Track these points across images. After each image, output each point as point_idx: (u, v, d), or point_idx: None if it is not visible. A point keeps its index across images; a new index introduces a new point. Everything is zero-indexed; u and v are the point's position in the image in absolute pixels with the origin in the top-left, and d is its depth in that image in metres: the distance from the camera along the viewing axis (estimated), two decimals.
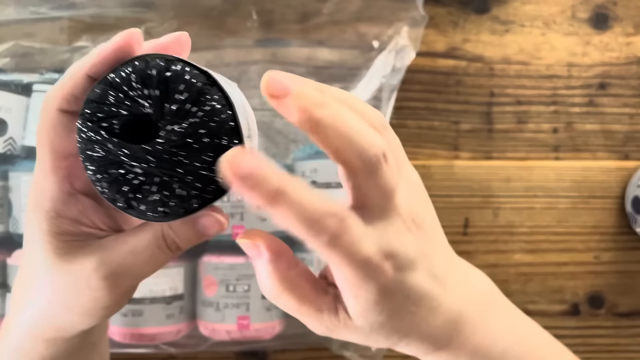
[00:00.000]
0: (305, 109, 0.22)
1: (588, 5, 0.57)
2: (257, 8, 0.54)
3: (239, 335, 0.48)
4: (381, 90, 0.53)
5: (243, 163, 0.21)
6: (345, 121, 0.22)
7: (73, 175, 0.26)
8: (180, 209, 0.24)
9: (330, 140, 0.22)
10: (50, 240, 0.26)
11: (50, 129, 0.25)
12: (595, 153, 0.57)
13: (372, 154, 0.23)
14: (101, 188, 0.24)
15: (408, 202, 0.26)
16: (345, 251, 0.23)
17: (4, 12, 0.51)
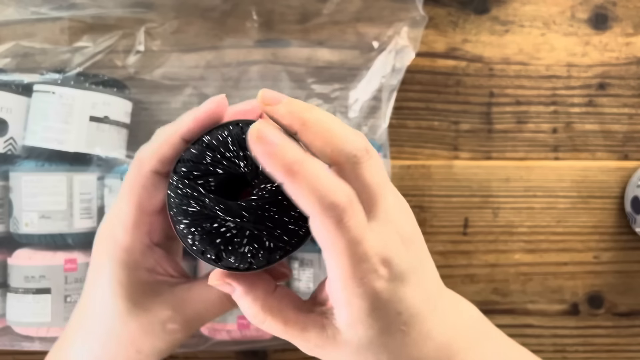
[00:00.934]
0: (295, 111, 0.25)
1: (587, 6, 0.57)
2: (257, 8, 0.54)
3: (240, 335, 0.48)
4: (381, 90, 0.53)
5: (268, 134, 0.23)
6: (329, 121, 0.25)
7: (153, 230, 0.28)
8: (265, 260, 0.26)
9: (317, 137, 0.24)
10: (126, 289, 0.27)
11: (141, 188, 0.27)
12: (595, 153, 0.57)
13: (355, 147, 0.24)
14: (192, 241, 0.25)
15: (399, 214, 0.26)
16: (350, 234, 0.23)
17: (4, 13, 0.51)
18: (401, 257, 0.25)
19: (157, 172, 0.27)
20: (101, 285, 0.28)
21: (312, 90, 0.54)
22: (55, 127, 0.46)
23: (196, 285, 0.28)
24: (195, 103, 0.53)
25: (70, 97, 0.47)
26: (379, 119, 0.53)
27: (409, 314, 0.26)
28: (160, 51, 0.53)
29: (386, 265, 0.25)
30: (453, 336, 0.28)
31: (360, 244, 0.24)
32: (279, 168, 0.23)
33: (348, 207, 0.23)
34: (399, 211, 0.27)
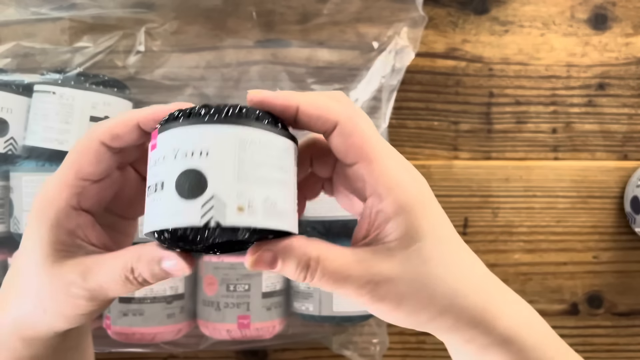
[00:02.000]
0: (284, 94, 0.27)
1: (587, 6, 0.57)
2: (257, 9, 0.54)
3: (240, 335, 0.48)
4: (381, 90, 0.53)
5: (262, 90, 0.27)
6: (317, 96, 0.27)
7: (83, 194, 0.28)
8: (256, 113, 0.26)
9: (310, 109, 0.27)
10: (45, 247, 0.28)
11: (85, 152, 0.28)
12: (594, 153, 0.57)
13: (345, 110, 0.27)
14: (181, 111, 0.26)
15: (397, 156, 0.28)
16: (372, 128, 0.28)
17: (5, 13, 0.51)
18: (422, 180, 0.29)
19: (104, 144, 0.28)
20: (27, 239, 0.29)
21: (312, 91, 0.54)
22: (55, 127, 0.47)
23: (105, 257, 0.28)
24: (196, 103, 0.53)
25: (70, 97, 0.47)
26: (379, 119, 0.53)
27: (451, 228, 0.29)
28: (161, 51, 0.53)
29: (411, 169, 0.28)
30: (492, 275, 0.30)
31: (381, 140, 0.28)
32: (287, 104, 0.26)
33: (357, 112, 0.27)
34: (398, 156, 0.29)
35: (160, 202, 0.25)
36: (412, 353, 0.56)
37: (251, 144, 0.25)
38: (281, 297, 0.50)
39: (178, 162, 0.25)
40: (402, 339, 0.55)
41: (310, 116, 0.27)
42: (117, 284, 0.28)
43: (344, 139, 0.27)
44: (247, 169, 0.25)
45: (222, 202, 0.24)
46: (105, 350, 0.51)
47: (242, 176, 0.25)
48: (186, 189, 0.25)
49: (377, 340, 0.53)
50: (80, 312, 0.29)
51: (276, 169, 0.26)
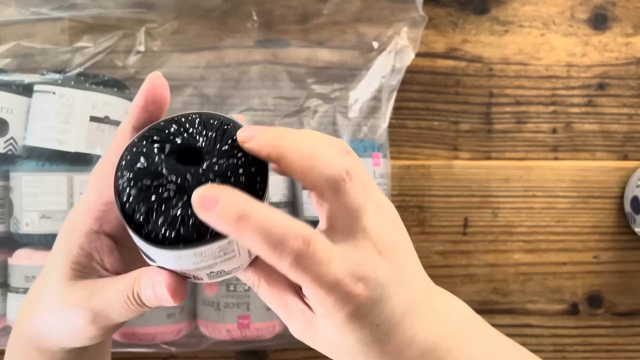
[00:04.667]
0: (270, 140, 0.25)
1: (587, 6, 0.57)
2: (257, 9, 0.54)
3: (240, 335, 0.48)
4: (381, 90, 0.53)
5: (207, 194, 0.23)
6: (307, 145, 0.25)
7: (105, 218, 0.29)
8: (194, 232, 0.25)
9: (296, 163, 0.24)
10: (64, 266, 0.29)
11: (103, 179, 0.28)
12: (594, 153, 0.57)
13: (335, 172, 0.24)
14: (127, 197, 0.25)
15: (378, 226, 0.26)
16: (312, 272, 0.24)
17: (5, 13, 0.51)
18: (379, 270, 0.26)
19: None
20: (54, 258, 0.30)
21: (312, 91, 0.54)
22: (55, 127, 0.47)
23: (114, 278, 0.29)
24: (196, 103, 0.53)
25: (70, 97, 0.47)
26: (379, 119, 0.53)
27: (390, 325, 0.26)
28: (161, 51, 0.53)
29: (362, 282, 0.25)
30: (442, 337, 0.28)
31: (327, 275, 0.24)
32: (227, 228, 0.23)
33: (303, 250, 0.23)
34: (379, 223, 0.26)
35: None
36: None
37: (187, 257, 0.26)
38: None
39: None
40: None
41: (291, 173, 0.25)
42: (118, 305, 0.28)
43: (319, 206, 0.25)
44: (186, 268, 0.26)
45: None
46: None
47: (184, 271, 0.27)
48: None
49: None
50: (82, 334, 0.29)
51: (219, 258, 0.26)
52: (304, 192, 0.49)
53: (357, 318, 0.25)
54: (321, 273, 0.24)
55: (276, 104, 0.54)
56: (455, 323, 0.30)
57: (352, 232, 0.25)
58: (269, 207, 0.24)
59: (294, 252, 0.23)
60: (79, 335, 0.29)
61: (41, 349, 0.31)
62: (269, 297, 0.28)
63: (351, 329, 0.26)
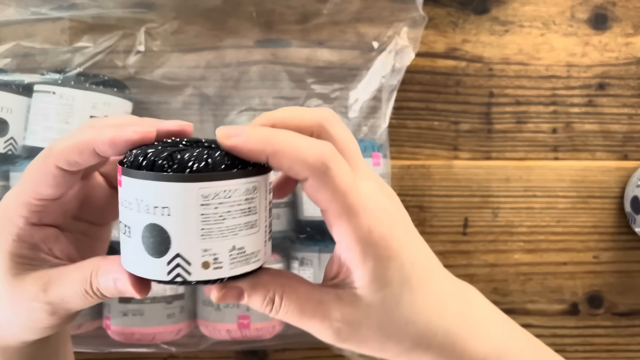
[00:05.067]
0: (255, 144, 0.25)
1: (587, 6, 0.57)
2: (257, 9, 0.54)
3: (240, 335, 0.48)
4: (381, 90, 0.53)
5: (231, 128, 0.25)
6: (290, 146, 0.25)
7: (43, 212, 0.28)
8: (222, 159, 0.25)
9: (281, 165, 0.25)
10: (7, 261, 0.28)
11: (41, 176, 0.27)
12: (594, 153, 0.57)
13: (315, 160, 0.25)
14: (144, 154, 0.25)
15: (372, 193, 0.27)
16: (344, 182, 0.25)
17: (5, 13, 0.51)
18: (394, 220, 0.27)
19: (61, 169, 0.27)
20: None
21: (312, 90, 0.54)
22: (55, 127, 0.47)
23: (67, 269, 0.28)
24: (196, 103, 0.53)
25: (70, 97, 0.47)
26: (379, 119, 0.53)
27: (424, 267, 0.28)
28: (161, 51, 0.53)
29: (385, 213, 0.26)
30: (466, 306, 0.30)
31: (355, 190, 0.25)
32: (259, 148, 0.24)
33: (332, 158, 0.25)
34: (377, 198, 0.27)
35: (129, 247, 0.25)
36: None
37: (215, 197, 0.24)
38: None
39: (142, 215, 0.24)
40: None
41: (281, 167, 0.25)
42: (77, 297, 0.28)
43: (313, 192, 0.26)
44: (211, 224, 0.25)
45: (187, 261, 0.25)
46: (105, 350, 0.51)
47: (205, 233, 0.25)
48: (151, 246, 0.24)
49: None
50: (42, 325, 0.29)
51: (244, 214, 0.25)
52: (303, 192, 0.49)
53: (394, 254, 0.26)
54: (350, 185, 0.25)
55: (276, 104, 0.54)
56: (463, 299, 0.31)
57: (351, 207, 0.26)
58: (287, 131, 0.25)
59: (326, 161, 0.24)
60: (40, 327, 0.29)
61: (1, 347, 0.31)
62: (298, 311, 0.27)
63: (392, 270, 0.27)
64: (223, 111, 0.53)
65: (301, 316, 0.27)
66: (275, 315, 0.27)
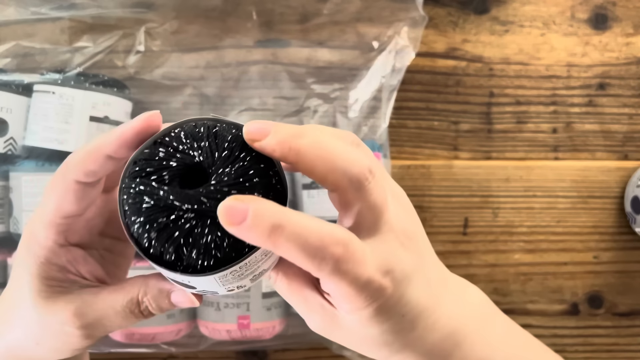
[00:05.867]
0: (285, 140, 0.23)
1: (587, 6, 0.57)
2: (257, 8, 0.54)
3: (240, 335, 0.48)
4: (381, 90, 0.53)
5: (234, 207, 0.22)
6: (325, 145, 0.23)
7: (69, 231, 0.28)
8: (232, 250, 0.24)
9: (317, 165, 0.23)
10: (37, 283, 0.28)
11: (62, 194, 0.27)
12: (595, 153, 0.57)
13: (358, 171, 0.24)
14: (148, 242, 0.24)
15: (399, 217, 0.26)
16: (349, 276, 0.23)
17: (4, 13, 0.51)
18: (404, 261, 0.26)
19: (81, 182, 0.26)
20: (17, 275, 0.29)
21: (312, 90, 0.54)
22: (55, 127, 0.47)
23: (103, 291, 0.28)
24: (196, 103, 0.53)
25: (70, 97, 0.47)
26: (379, 119, 0.53)
27: (414, 314, 0.26)
28: (160, 51, 0.53)
29: (389, 275, 0.25)
30: (459, 323, 0.28)
31: (362, 276, 0.24)
32: (262, 241, 0.22)
33: (343, 255, 0.23)
34: (398, 213, 0.26)
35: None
36: None
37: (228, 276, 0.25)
38: (281, 297, 0.50)
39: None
40: None
41: (310, 174, 0.24)
42: (119, 318, 0.28)
43: (340, 206, 0.25)
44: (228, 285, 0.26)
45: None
46: (105, 350, 0.51)
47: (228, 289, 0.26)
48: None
49: None
50: (74, 347, 0.29)
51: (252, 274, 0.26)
52: (303, 192, 0.49)
53: (384, 311, 0.25)
54: (358, 274, 0.23)
55: (276, 103, 0.54)
56: (471, 307, 0.30)
57: (377, 227, 0.25)
58: (301, 214, 0.23)
59: (334, 258, 0.22)
60: (71, 349, 0.29)
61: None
62: (287, 292, 0.27)
63: (378, 321, 0.25)
64: (223, 111, 0.53)
65: (289, 299, 0.28)
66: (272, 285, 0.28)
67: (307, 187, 0.49)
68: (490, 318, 0.31)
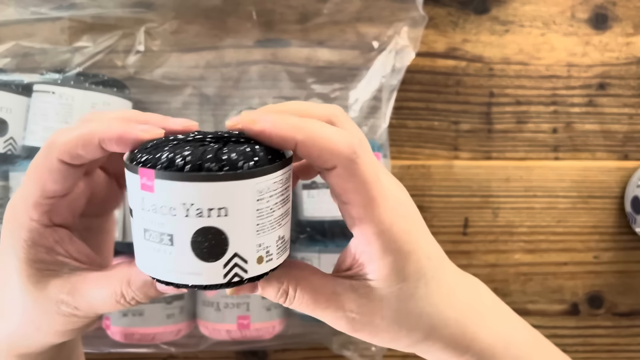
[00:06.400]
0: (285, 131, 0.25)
1: (587, 6, 0.57)
2: (257, 8, 0.54)
3: (239, 335, 0.48)
4: (381, 90, 0.53)
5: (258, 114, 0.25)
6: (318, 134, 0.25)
7: (53, 211, 0.27)
8: (265, 155, 0.24)
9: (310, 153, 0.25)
10: (25, 268, 0.27)
11: (46, 172, 0.26)
12: (595, 153, 0.57)
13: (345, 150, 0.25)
14: (182, 160, 0.23)
15: (392, 188, 0.28)
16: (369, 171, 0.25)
17: (4, 13, 0.51)
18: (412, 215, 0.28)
19: (65, 162, 0.26)
20: (3, 261, 0.28)
21: (312, 90, 0.54)
22: (55, 127, 0.46)
23: (92, 277, 0.28)
24: (195, 103, 0.53)
25: (70, 97, 0.47)
26: (379, 119, 0.53)
27: (437, 261, 0.28)
28: (160, 51, 0.53)
29: (404, 207, 0.27)
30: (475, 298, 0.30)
31: (378, 180, 0.25)
32: (288, 137, 0.24)
33: (361, 148, 0.25)
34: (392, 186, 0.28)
35: (169, 256, 0.24)
36: (413, 354, 0.56)
37: (267, 191, 0.24)
38: None
39: (192, 220, 0.23)
40: None
41: (309, 155, 0.25)
42: (107, 305, 0.27)
43: (340, 182, 0.25)
44: (264, 218, 0.24)
45: (244, 259, 0.24)
46: (105, 350, 0.51)
47: (259, 228, 0.24)
48: (206, 252, 0.23)
49: None
50: (74, 327, 0.29)
51: (283, 204, 0.25)
52: (304, 192, 0.49)
53: (411, 248, 0.27)
54: (375, 175, 0.25)
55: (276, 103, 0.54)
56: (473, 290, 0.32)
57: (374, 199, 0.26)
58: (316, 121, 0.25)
59: (354, 149, 0.24)
60: (71, 329, 0.29)
61: (24, 354, 0.30)
62: (312, 302, 0.27)
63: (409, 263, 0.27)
64: (223, 111, 0.53)
65: (315, 307, 0.27)
66: (289, 305, 0.27)
67: (307, 187, 0.48)
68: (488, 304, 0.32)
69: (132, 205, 0.25)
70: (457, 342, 0.29)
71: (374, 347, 0.53)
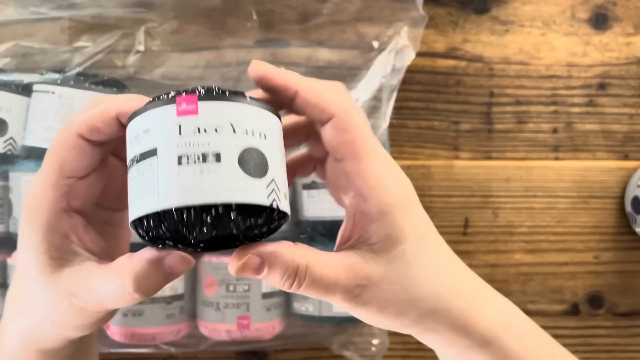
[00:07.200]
0: (287, 78, 0.27)
1: (588, 6, 0.57)
2: (257, 8, 0.54)
3: (239, 335, 0.48)
4: (381, 90, 0.53)
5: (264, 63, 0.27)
6: (318, 86, 0.27)
7: (71, 193, 0.27)
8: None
9: (309, 101, 0.26)
10: (42, 256, 0.27)
11: (64, 149, 0.26)
12: (595, 153, 0.57)
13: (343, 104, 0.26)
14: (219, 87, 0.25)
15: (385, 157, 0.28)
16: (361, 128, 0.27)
17: (4, 12, 0.51)
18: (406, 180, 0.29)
19: (83, 137, 0.26)
20: (25, 248, 0.27)
21: None
22: (55, 127, 0.46)
23: (99, 271, 0.27)
24: None
25: (70, 97, 0.47)
26: (379, 119, 0.53)
27: (434, 231, 0.30)
28: (160, 51, 0.53)
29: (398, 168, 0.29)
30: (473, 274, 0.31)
31: (372, 136, 0.27)
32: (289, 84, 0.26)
33: (356, 105, 0.26)
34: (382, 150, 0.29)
35: (215, 175, 0.23)
36: (413, 354, 0.56)
37: (282, 129, 0.26)
38: (281, 297, 0.50)
39: (239, 138, 0.24)
40: (402, 340, 0.55)
41: (307, 103, 0.26)
42: (115, 298, 0.26)
43: (337, 133, 0.26)
44: (284, 158, 0.26)
45: (278, 187, 0.25)
46: (105, 350, 0.51)
47: (284, 165, 0.26)
48: (253, 168, 0.24)
49: (377, 340, 0.53)
50: (88, 321, 0.28)
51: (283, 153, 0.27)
52: (304, 192, 0.49)
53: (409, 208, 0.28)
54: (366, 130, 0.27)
55: None
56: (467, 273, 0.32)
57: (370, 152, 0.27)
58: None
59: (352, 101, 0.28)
60: (87, 323, 0.28)
61: (44, 350, 0.30)
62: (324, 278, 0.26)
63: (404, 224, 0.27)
64: None
65: (326, 286, 0.26)
66: (297, 288, 0.26)
67: (307, 187, 0.48)
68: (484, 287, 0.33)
69: (157, 143, 0.24)
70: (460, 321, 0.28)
71: (374, 347, 0.53)
